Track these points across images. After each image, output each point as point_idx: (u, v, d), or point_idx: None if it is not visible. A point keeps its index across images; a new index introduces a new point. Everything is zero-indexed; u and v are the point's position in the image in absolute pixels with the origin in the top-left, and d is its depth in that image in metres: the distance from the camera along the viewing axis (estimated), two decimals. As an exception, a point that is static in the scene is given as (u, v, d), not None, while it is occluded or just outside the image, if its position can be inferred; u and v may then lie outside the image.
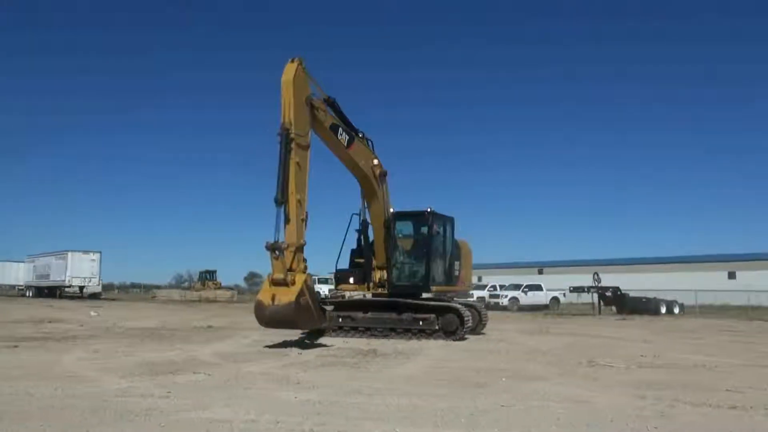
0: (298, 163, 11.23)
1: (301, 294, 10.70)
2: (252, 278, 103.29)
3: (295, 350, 10.82)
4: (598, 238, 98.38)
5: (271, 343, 12.02)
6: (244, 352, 10.69)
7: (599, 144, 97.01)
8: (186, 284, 76.51)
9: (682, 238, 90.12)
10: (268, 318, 10.76)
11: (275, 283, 10.87)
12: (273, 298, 10.67)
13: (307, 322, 11.06)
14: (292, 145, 11.19)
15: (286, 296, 10.63)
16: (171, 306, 35.76)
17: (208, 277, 59.58)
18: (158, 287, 65.57)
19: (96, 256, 47.45)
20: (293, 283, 10.77)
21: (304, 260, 11.24)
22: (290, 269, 10.86)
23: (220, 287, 57.26)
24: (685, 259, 54.08)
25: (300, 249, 11.15)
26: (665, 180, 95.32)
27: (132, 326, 17.13)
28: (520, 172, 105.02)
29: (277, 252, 10.79)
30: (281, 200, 10.92)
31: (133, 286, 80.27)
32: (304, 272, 11.15)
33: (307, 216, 11.46)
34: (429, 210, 14.73)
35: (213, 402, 6.05)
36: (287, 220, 11.00)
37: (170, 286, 71.19)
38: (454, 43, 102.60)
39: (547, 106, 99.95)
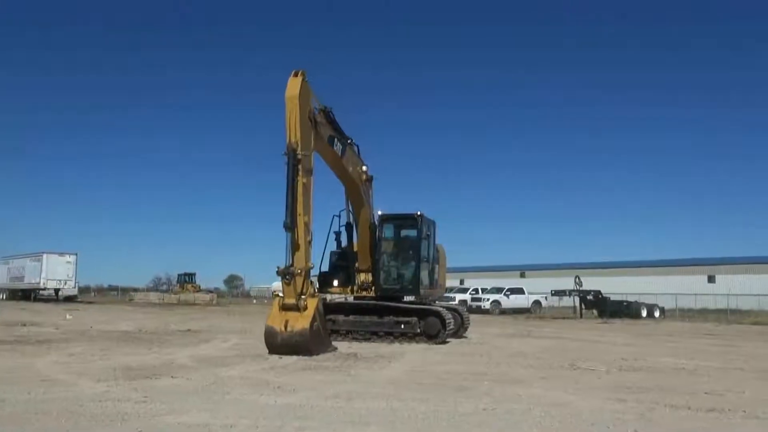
0: (304, 184, 11.08)
1: (314, 319, 10.66)
2: (232, 281, 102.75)
3: (274, 355, 10.75)
4: (580, 242, 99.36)
5: (251, 348, 11.94)
6: (222, 356, 10.62)
7: (581, 147, 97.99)
8: (165, 287, 75.74)
9: (663, 242, 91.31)
10: (281, 344, 10.60)
11: (286, 308, 10.78)
12: (285, 325, 10.56)
13: (319, 347, 10.91)
14: (299, 167, 11.02)
15: (300, 322, 10.56)
16: (149, 309, 35.40)
17: (187, 279, 59.15)
18: (136, 290, 64.89)
19: (72, 258, 46.86)
20: (305, 308, 10.70)
21: (312, 283, 11.19)
22: (301, 293, 10.80)
23: (199, 290, 56.90)
24: (665, 262, 54.73)
25: (308, 273, 11.12)
26: (646, 184, 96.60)
27: (108, 329, 16.93)
28: (502, 175, 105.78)
29: (288, 277, 10.73)
30: (291, 226, 10.80)
31: (111, 288, 79.23)
32: (315, 296, 11.13)
33: (312, 237, 11.42)
34: (419, 214, 14.79)
35: (191, 406, 6.00)
36: (296, 245, 10.91)
37: (148, 289, 70.40)
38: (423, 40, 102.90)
39: (527, 108, 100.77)
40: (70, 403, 6.10)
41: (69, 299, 46.18)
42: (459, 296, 38.57)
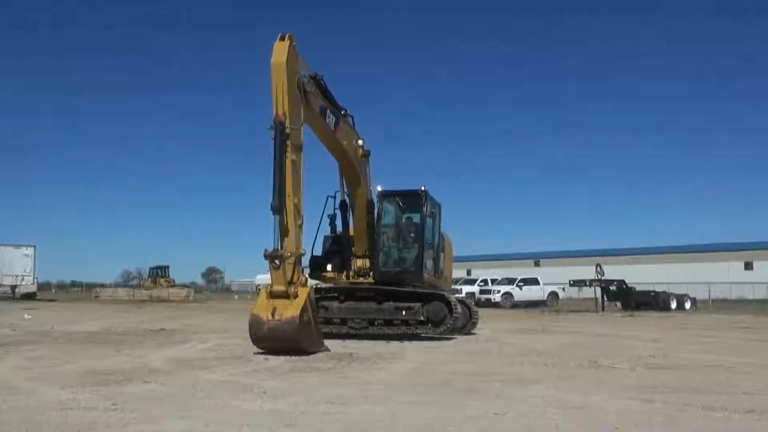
0: (293, 162, 11.08)
1: (305, 309, 10.66)
2: (211, 274, 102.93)
3: (260, 355, 10.79)
4: (601, 227, 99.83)
5: (233, 348, 11.98)
6: (201, 358, 10.65)
7: (601, 125, 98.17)
8: (135, 282, 75.86)
9: (694, 226, 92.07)
10: (267, 335, 10.61)
11: (275, 295, 10.78)
12: (273, 312, 10.56)
13: (310, 342, 10.92)
14: (288, 143, 11.00)
15: (289, 310, 10.53)
16: (117, 307, 35.44)
17: (159, 273, 59.30)
18: (102, 285, 64.85)
19: (30, 251, 46.83)
20: (296, 296, 10.71)
21: (303, 271, 11.22)
22: (291, 281, 10.81)
23: (173, 285, 57.05)
24: (697, 248, 54.94)
25: (299, 259, 11.14)
26: (674, 163, 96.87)
27: (73, 330, 16.96)
28: (514, 154, 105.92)
29: (276, 261, 10.73)
30: (278, 208, 10.80)
31: (74, 284, 79.38)
32: (306, 285, 11.14)
33: (302, 220, 11.42)
34: (423, 189, 14.80)
35: (166, 414, 6.02)
36: (285, 229, 10.92)
37: (116, 285, 70.52)
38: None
39: (543, 84, 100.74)
40: (32, 412, 6.12)
41: (27, 297, 46.13)
42: (466, 288, 38.70)
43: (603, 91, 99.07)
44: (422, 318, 13.83)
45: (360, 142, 14.60)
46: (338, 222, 15.21)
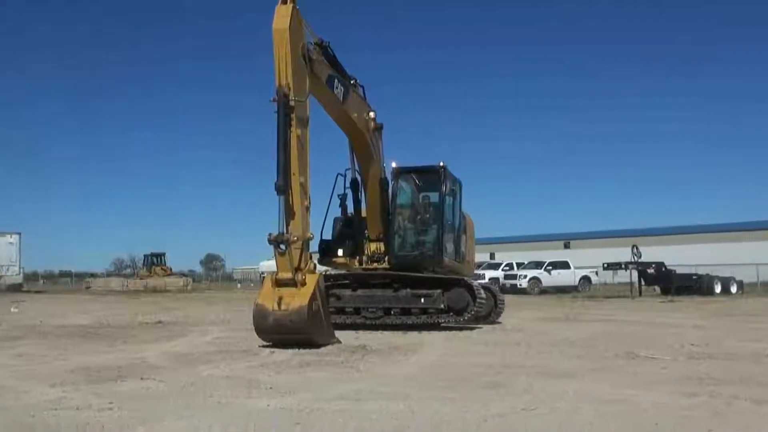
0: (298, 137, 11.07)
1: (313, 297, 10.70)
2: (211, 261, 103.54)
3: (266, 349, 10.86)
4: (638, 204, 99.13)
5: (236, 341, 12.06)
6: (202, 353, 10.73)
7: (637, 92, 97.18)
8: (128, 271, 76.37)
9: (739, 202, 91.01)
10: (272, 326, 10.65)
11: (281, 283, 10.82)
12: (279, 302, 10.59)
13: (319, 333, 10.96)
14: (292, 116, 10.99)
15: (296, 299, 10.56)
16: (110, 298, 35.74)
17: (155, 261, 59.58)
18: (94, 275, 65.45)
19: (15, 239, 47.23)
20: (304, 283, 10.74)
21: (311, 257, 11.26)
22: (298, 268, 10.84)
23: (170, 273, 57.33)
24: (744, 226, 54.53)
25: (307, 244, 11.18)
26: (717, 134, 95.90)
27: (62, 323, 17.12)
28: (540, 127, 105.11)
29: (282, 246, 10.75)
30: (283, 188, 10.81)
31: (63, 274, 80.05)
32: (315, 272, 11.17)
33: (310, 201, 11.46)
34: (442, 165, 14.77)
35: (165, 414, 6.07)
36: (290, 211, 10.94)
37: (108, 274, 71.06)
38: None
39: (572, 46, 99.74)
40: (20, 413, 6.18)
41: (13, 288, 46.60)
42: (489, 273, 38.68)
43: (637, 59, 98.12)
44: (443, 306, 13.82)
45: (371, 114, 14.55)
46: (350, 203, 15.24)
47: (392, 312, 13.96)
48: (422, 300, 13.90)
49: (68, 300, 33.22)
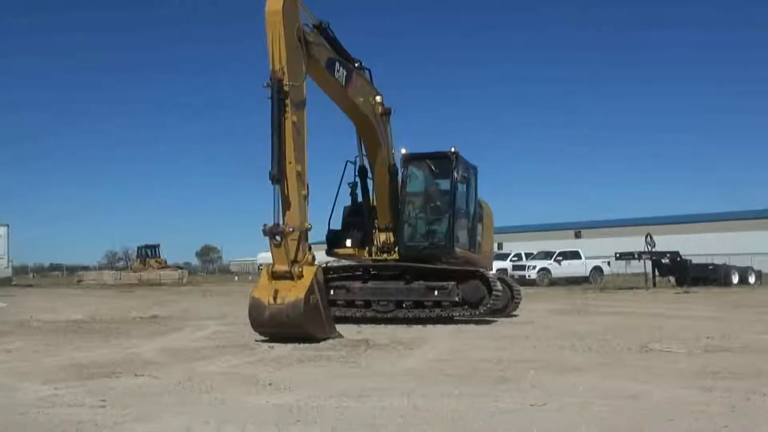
0: (294, 123, 11.07)
1: (311, 291, 10.73)
2: (207, 253, 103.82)
3: (264, 344, 10.89)
4: (651, 192, 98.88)
5: (234, 336, 12.10)
6: (198, 348, 10.77)
7: (653, 76, 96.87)
8: (121, 263, 76.57)
9: (758, 189, 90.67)
10: (268, 320, 10.72)
11: (277, 276, 10.87)
12: (275, 295, 10.63)
13: (317, 328, 10.99)
14: (287, 101, 11.00)
15: (294, 293, 10.61)
16: (103, 292, 35.84)
17: (149, 253, 59.72)
18: (86, 268, 65.78)
19: (3, 231, 47.25)
20: (301, 276, 10.78)
21: (310, 248, 11.27)
22: (295, 260, 10.87)
23: (165, 266, 57.48)
24: (762, 214, 54.34)
25: (305, 235, 11.18)
26: (732, 119, 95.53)
27: (54, 319, 17.16)
28: (549, 111, 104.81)
29: (278, 238, 10.78)
30: (278, 177, 10.83)
31: (53, 267, 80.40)
32: (313, 264, 11.19)
33: (308, 190, 11.44)
34: (454, 151, 14.72)
35: (161, 411, 6.10)
36: (287, 201, 10.96)
37: (101, 267, 71.36)
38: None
39: (582, 27, 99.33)
40: (11, 411, 6.20)
41: (1, 282, 46.73)
42: (497, 264, 38.54)
43: (659, 33, 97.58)
44: (457, 299, 13.83)
45: (378, 98, 14.50)
46: (360, 192, 15.22)
47: (404, 305, 13.95)
48: (436, 293, 13.88)
49: (59, 294, 33.26)
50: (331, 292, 13.84)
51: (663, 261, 34.03)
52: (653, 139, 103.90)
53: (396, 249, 14.75)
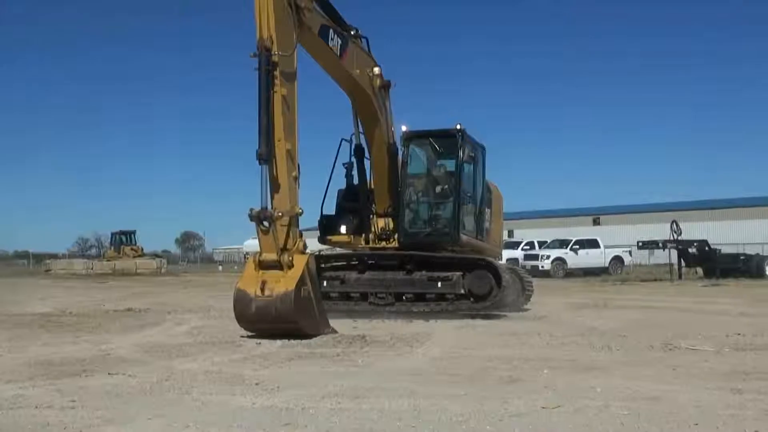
0: (284, 97, 11.05)
1: (302, 282, 10.71)
2: (187, 240, 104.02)
3: (251, 340, 10.91)
4: (677, 176, 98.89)
5: (217, 332, 12.12)
6: (178, 344, 10.77)
7: (676, 51, 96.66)
8: (93, 251, 76.68)
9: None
10: (255, 314, 10.69)
11: (264, 266, 10.84)
12: (263, 287, 10.62)
13: (309, 322, 10.98)
14: (276, 73, 10.96)
15: (282, 284, 10.58)
16: (73, 282, 35.89)
17: (124, 240, 59.74)
18: (54, 256, 65.68)
19: (-38, 215, 47.24)
20: (291, 266, 10.74)
21: (301, 235, 11.26)
22: (284, 248, 10.86)
23: (141, 254, 57.52)
24: (799, 199, 54.31)
25: (295, 220, 11.16)
26: (758, 99, 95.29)
27: (19, 312, 17.20)
28: (565, 89, 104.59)
29: (265, 223, 10.76)
30: (266, 156, 10.79)
31: (18, 255, 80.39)
32: (304, 252, 11.17)
33: (299, 171, 11.42)
34: (460, 128, 14.67)
35: (136, 412, 6.11)
36: (275, 183, 10.94)
37: (71, 255, 71.29)
38: None
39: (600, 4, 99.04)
40: (-29, 412, 6.22)
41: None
42: (507, 253, 38.64)
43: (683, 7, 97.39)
44: (462, 291, 13.85)
45: (376, 70, 14.46)
46: (356, 173, 15.19)
47: (404, 298, 13.96)
48: (439, 284, 13.88)
49: (25, 285, 33.32)
50: (324, 283, 13.81)
51: (690, 250, 34.04)
52: (680, 116, 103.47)
53: (395, 236, 14.74)
